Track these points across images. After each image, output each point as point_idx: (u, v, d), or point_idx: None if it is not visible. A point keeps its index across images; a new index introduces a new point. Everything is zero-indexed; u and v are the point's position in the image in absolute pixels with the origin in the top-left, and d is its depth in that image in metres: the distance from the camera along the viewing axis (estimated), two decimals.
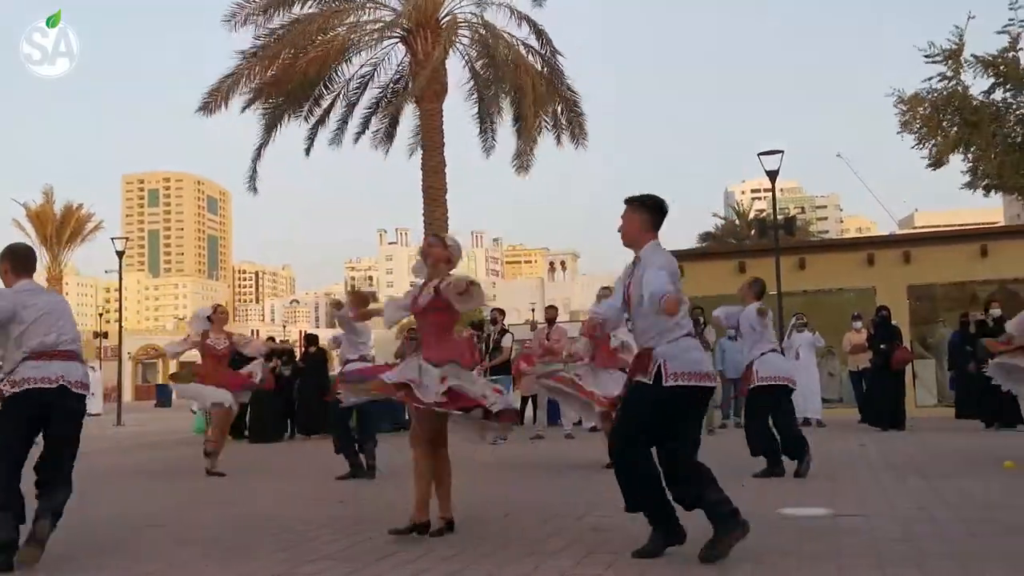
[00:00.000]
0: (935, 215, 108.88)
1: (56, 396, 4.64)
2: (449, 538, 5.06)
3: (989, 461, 8.30)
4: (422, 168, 16.76)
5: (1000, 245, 16.98)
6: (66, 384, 4.67)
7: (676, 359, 4.43)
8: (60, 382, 4.65)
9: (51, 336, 4.72)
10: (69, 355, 4.77)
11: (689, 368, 4.42)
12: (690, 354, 4.47)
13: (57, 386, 4.64)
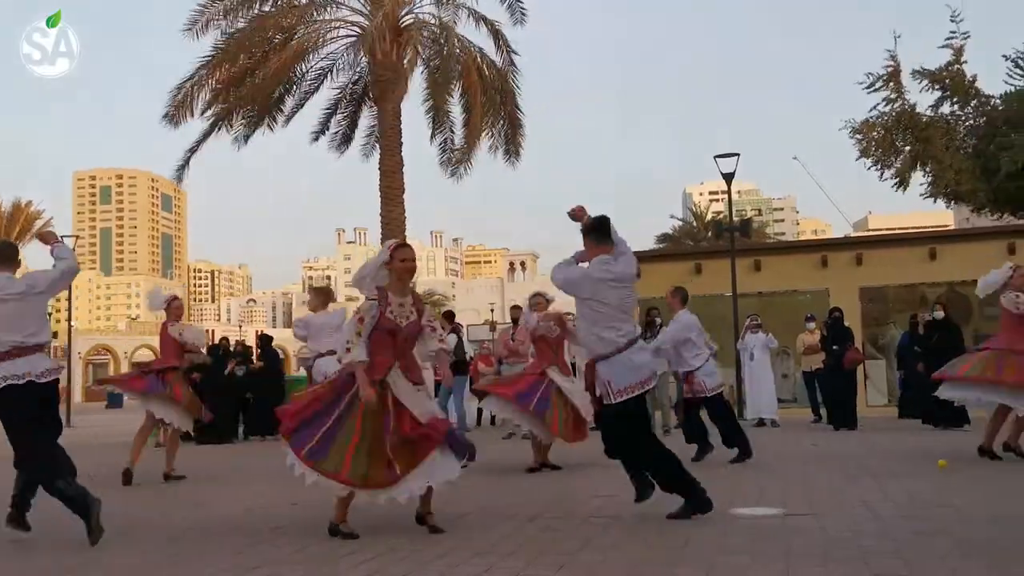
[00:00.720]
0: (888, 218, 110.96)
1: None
2: (403, 539, 5.03)
3: (935, 460, 8.45)
4: (380, 168, 16.67)
5: (949, 248, 17.33)
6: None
7: (618, 376, 5.16)
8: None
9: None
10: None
11: (630, 381, 5.18)
12: (628, 368, 5.19)
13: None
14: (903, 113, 22.68)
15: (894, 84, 22.60)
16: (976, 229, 21.99)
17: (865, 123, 22.82)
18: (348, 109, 18.83)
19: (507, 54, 17.34)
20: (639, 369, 5.25)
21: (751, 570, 4.11)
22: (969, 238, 18.35)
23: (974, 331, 17.07)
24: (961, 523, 5.08)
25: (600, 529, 5.22)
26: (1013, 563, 4.06)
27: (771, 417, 14.16)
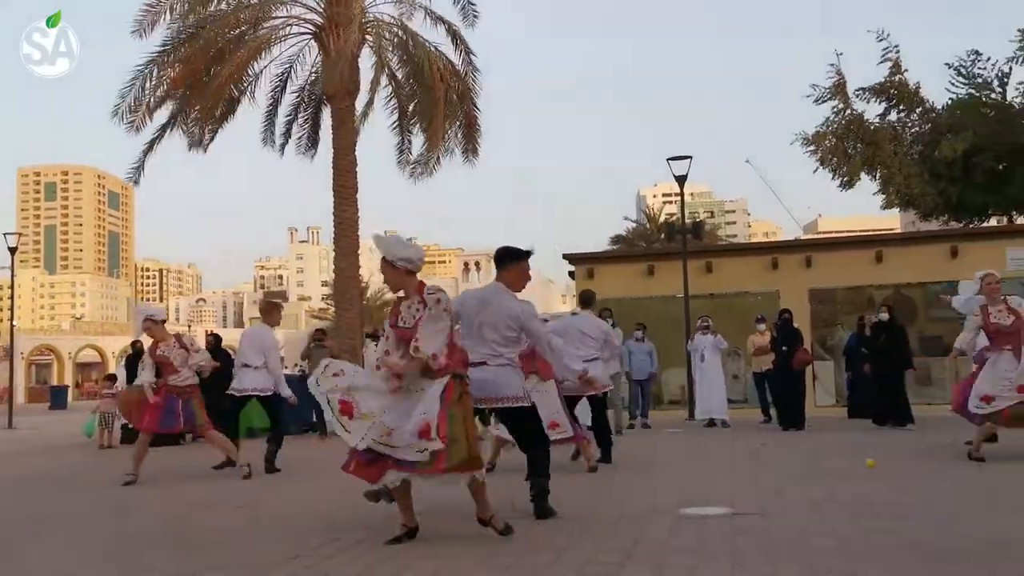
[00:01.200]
0: (837, 221, 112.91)
1: None
2: (349, 542, 4.98)
3: (881, 459, 8.59)
4: (333, 166, 16.50)
5: (895, 251, 17.64)
6: None
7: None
8: None
9: None
10: None
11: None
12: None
13: None
14: (852, 120, 23.17)
15: (840, 96, 23.08)
16: (921, 233, 22.46)
17: (816, 135, 23.26)
18: (309, 111, 18.64)
19: (465, 53, 17.28)
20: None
21: (699, 569, 4.13)
22: (914, 241, 18.71)
23: (919, 332, 17.44)
24: (906, 522, 5.16)
25: (550, 529, 5.21)
26: (955, 562, 4.12)
27: (721, 417, 14.29)
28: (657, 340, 15.43)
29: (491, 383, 5.50)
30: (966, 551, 4.32)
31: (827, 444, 10.57)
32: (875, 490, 6.54)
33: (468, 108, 17.58)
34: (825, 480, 7.17)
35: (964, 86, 23.29)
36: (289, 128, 18.60)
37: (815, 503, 5.95)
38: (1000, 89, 23.30)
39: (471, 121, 17.71)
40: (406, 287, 4.97)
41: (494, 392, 5.53)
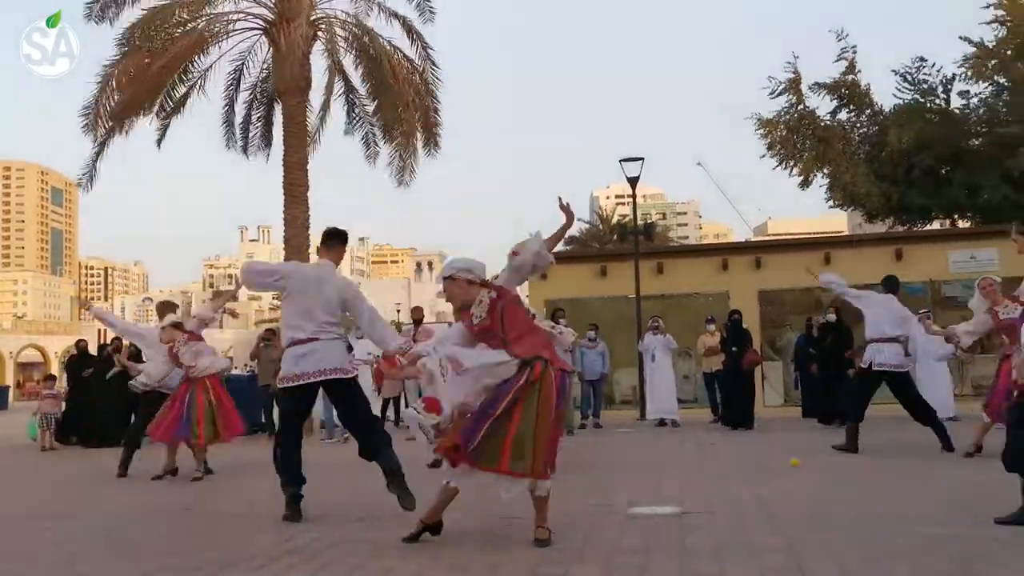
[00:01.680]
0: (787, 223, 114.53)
1: None
2: (297, 544, 4.92)
3: (828, 458, 8.74)
4: (283, 164, 16.26)
5: (842, 253, 17.93)
6: None
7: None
8: None
9: None
10: None
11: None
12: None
13: None
14: (804, 115, 23.55)
15: (795, 91, 23.44)
16: (868, 235, 22.86)
17: (770, 120, 23.58)
18: (262, 110, 18.38)
19: (422, 48, 17.09)
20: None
21: (647, 568, 4.16)
22: (861, 244, 19.03)
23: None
24: (850, 519, 5.25)
25: (502, 529, 5.21)
26: (897, 559, 4.20)
27: (672, 417, 14.40)
28: (609, 340, 15.50)
29: (320, 356, 5.74)
30: (909, 549, 4.40)
31: (775, 443, 10.71)
32: (821, 489, 6.64)
33: (427, 103, 17.40)
34: (773, 479, 7.26)
35: (910, 92, 23.81)
36: (245, 126, 18.30)
37: (763, 502, 6.02)
38: (944, 95, 23.86)
39: (430, 116, 17.55)
40: (472, 295, 4.94)
41: (323, 365, 5.75)
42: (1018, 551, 4.33)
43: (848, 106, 23.88)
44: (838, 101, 23.79)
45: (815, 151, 23.40)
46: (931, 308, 15.59)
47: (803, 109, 23.59)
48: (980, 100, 24.21)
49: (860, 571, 3.96)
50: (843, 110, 23.98)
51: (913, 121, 22.33)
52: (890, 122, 23.03)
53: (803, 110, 23.59)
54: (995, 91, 23.83)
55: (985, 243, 17.26)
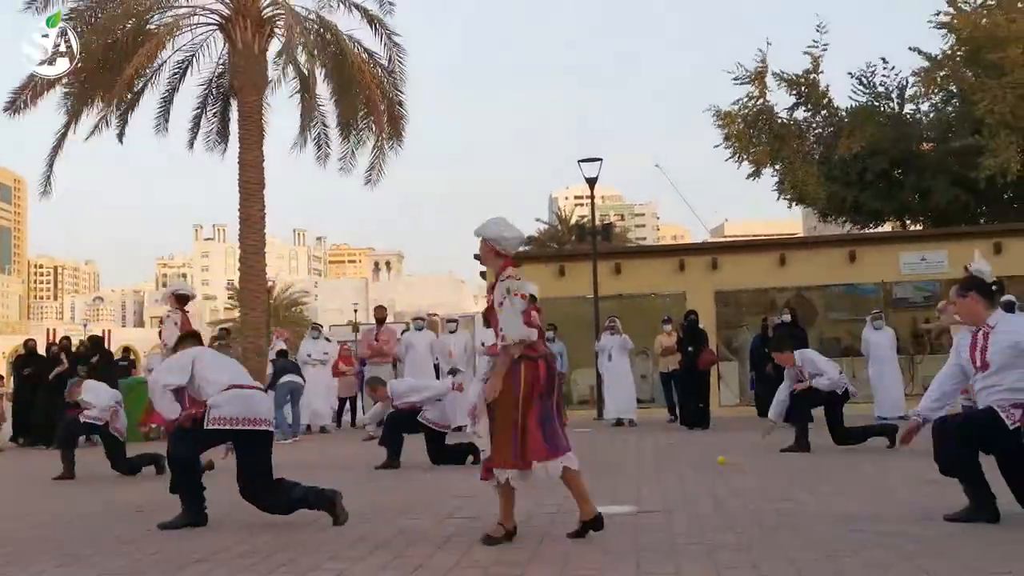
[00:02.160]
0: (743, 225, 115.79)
1: None
2: (250, 547, 4.85)
3: (781, 456, 8.83)
4: (239, 162, 16.08)
5: (797, 255, 18.18)
6: None
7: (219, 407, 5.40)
8: None
9: None
10: None
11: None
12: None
13: None
14: (762, 111, 23.80)
15: (759, 82, 23.65)
16: (822, 237, 23.21)
17: (728, 113, 23.80)
18: (217, 105, 18.13)
19: (387, 38, 16.85)
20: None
21: (603, 568, 4.15)
22: (815, 245, 19.30)
23: (819, 334, 17.99)
24: (804, 518, 5.30)
25: (458, 530, 5.18)
26: (850, 555, 4.24)
27: (629, 417, 14.45)
28: (567, 340, 15.53)
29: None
30: (862, 546, 4.45)
31: (731, 442, 10.79)
32: (775, 487, 6.70)
33: (392, 95, 17.21)
34: (728, 477, 7.31)
35: (864, 95, 24.19)
36: (197, 122, 18.05)
37: (718, 500, 6.06)
38: (897, 100, 24.29)
39: (395, 110, 17.36)
40: (495, 266, 4.83)
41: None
42: (967, 546, 4.40)
43: (806, 105, 24.19)
44: (797, 98, 24.08)
45: (769, 147, 23.67)
46: (882, 309, 15.86)
47: (763, 103, 23.83)
48: (931, 106, 24.70)
49: (814, 568, 3.99)
50: (800, 108, 24.28)
51: (865, 126, 22.69)
52: (844, 124, 23.38)
53: (762, 104, 23.83)
54: (945, 98, 24.32)
55: (935, 245, 17.61)
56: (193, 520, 5.51)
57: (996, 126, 20.87)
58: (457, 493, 6.69)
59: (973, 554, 4.24)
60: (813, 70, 23.77)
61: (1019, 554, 4.23)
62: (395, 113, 17.53)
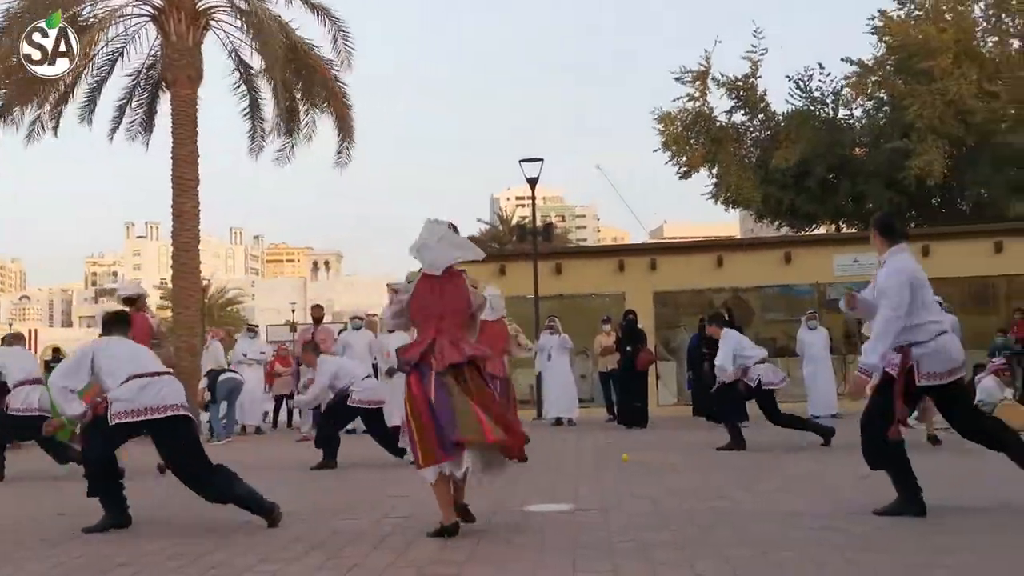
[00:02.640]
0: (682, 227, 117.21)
1: None
2: (179, 545, 4.72)
3: (717, 455, 8.92)
4: (172, 157, 15.71)
5: (734, 256, 18.42)
6: None
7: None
8: None
9: None
10: None
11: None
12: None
13: None
14: (701, 113, 24.13)
15: (701, 83, 23.96)
16: (758, 239, 23.59)
17: (667, 115, 24.09)
18: (145, 96, 17.67)
19: (335, 29, 16.53)
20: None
21: (540, 565, 4.13)
22: (752, 247, 19.60)
23: (756, 334, 18.26)
24: (739, 515, 5.35)
25: (394, 529, 5.11)
26: (784, 551, 4.28)
27: (568, 416, 14.48)
28: None
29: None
30: (796, 542, 4.50)
31: (668, 441, 10.90)
32: (711, 486, 6.75)
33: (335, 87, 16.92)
34: (664, 476, 7.36)
35: (801, 99, 24.66)
36: (121, 112, 17.55)
37: (654, 499, 6.08)
38: (832, 105, 24.82)
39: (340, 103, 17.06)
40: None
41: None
42: (899, 540, 4.47)
43: (743, 108, 24.58)
44: (735, 101, 24.46)
45: (706, 150, 24.01)
46: (817, 309, 16.16)
47: (702, 105, 24.16)
48: (864, 112, 25.31)
49: (749, 565, 4.02)
50: (738, 112, 24.67)
51: (801, 131, 23.14)
52: (781, 128, 23.81)
53: (702, 106, 24.16)
54: (877, 104, 24.94)
55: (868, 248, 17.92)
56: (115, 521, 5.33)
57: (924, 131, 21.48)
58: (394, 492, 6.61)
59: (905, 548, 4.31)
60: (752, 74, 24.17)
61: (949, 547, 4.31)
62: (342, 106, 17.28)
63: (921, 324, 5.09)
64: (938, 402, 5.44)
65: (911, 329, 5.08)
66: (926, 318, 5.12)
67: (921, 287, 5.15)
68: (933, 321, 5.15)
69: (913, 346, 5.07)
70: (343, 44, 16.64)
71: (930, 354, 5.07)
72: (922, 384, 5.09)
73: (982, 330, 15.66)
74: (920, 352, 5.07)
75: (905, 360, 5.04)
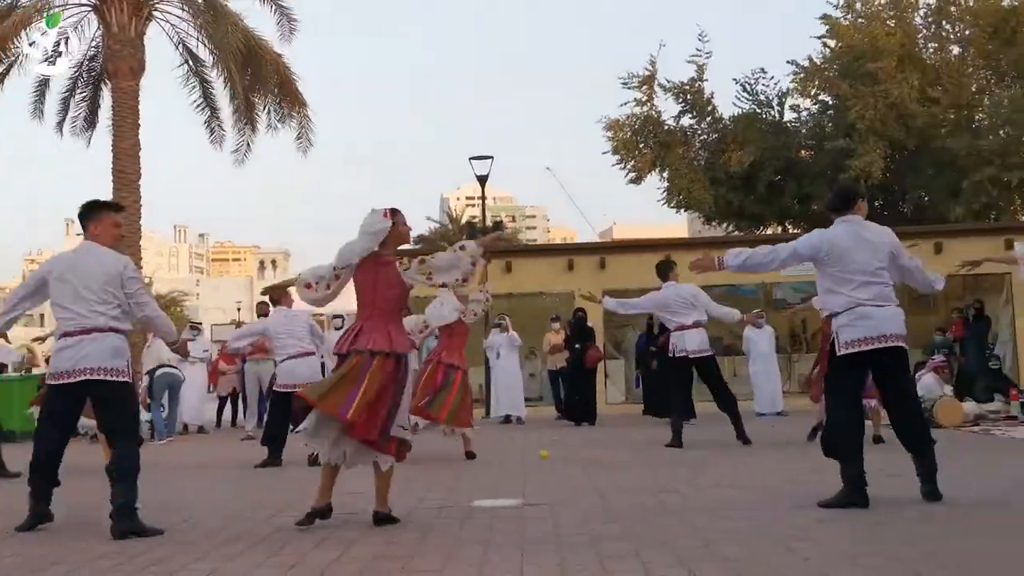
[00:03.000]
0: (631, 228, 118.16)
1: None
2: (115, 544, 4.59)
3: (663, 451, 8.97)
4: (113, 150, 15.35)
5: (682, 255, 18.45)
6: None
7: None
8: None
9: None
10: None
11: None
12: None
13: None
14: (649, 118, 24.33)
15: (647, 88, 24.16)
16: (706, 239, 23.83)
17: (616, 121, 24.24)
18: (88, 89, 17.25)
19: (285, 19, 16.26)
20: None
21: (487, 559, 4.09)
22: (699, 246, 19.73)
23: None
24: (686, 509, 5.37)
25: (338, 526, 5.03)
26: (729, 543, 4.30)
27: (517, 414, 14.47)
28: None
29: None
30: (740, 533, 4.53)
31: (616, 438, 10.94)
32: (657, 480, 6.78)
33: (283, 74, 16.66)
34: (612, 471, 7.38)
35: (748, 102, 24.98)
36: (66, 106, 17.15)
37: (602, 493, 6.09)
38: (779, 108, 25.20)
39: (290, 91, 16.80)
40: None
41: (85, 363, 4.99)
42: (839, 532, 4.53)
43: (691, 112, 24.83)
44: (683, 106, 24.70)
45: (654, 154, 24.22)
46: (763, 309, 16.34)
47: (650, 110, 24.37)
48: (809, 115, 25.73)
49: (694, 555, 4.03)
50: (686, 116, 24.92)
51: (749, 135, 23.45)
52: (729, 131, 24.09)
53: (649, 111, 24.37)
54: (821, 108, 25.38)
55: None
56: (36, 517, 5.09)
57: (866, 132, 21.90)
58: (337, 490, 6.51)
59: (846, 540, 4.36)
60: (698, 77, 24.44)
61: (886, 537, 4.37)
62: (295, 98, 17.03)
63: (838, 293, 5.28)
64: (875, 375, 5.46)
65: (829, 295, 5.36)
66: (841, 289, 5.28)
67: (839, 258, 5.33)
68: (848, 294, 5.25)
69: (833, 317, 5.31)
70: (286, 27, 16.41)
71: (846, 325, 5.22)
72: (842, 353, 5.22)
73: (921, 330, 15.99)
74: (838, 323, 5.27)
75: (827, 330, 5.42)
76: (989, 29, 22.50)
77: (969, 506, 5.19)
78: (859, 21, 23.95)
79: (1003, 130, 22.50)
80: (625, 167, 24.63)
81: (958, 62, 23.41)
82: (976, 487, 5.87)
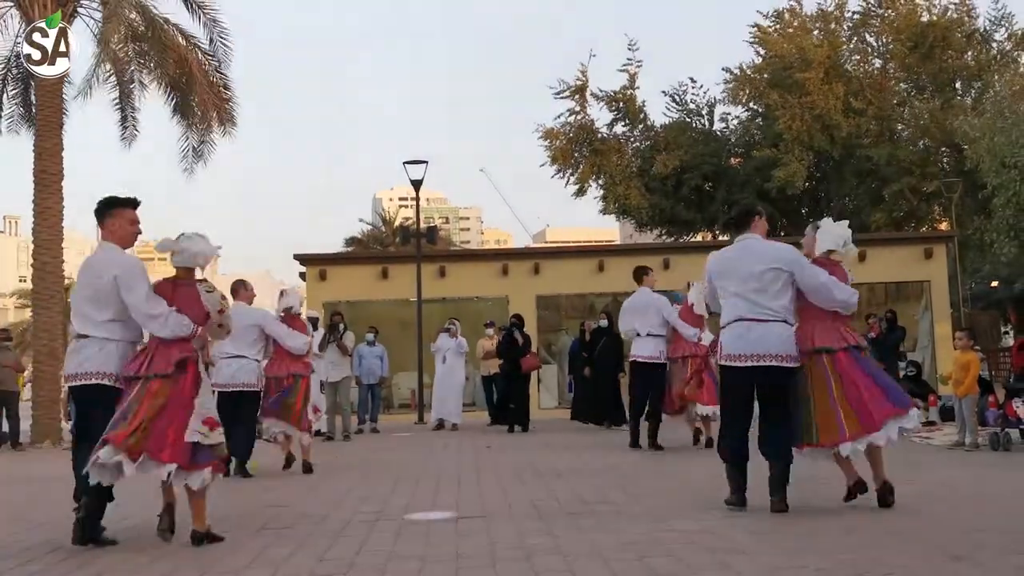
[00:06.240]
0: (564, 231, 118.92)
1: None
2: (56, 553, 4.46)
3: (598, 458, 9.06)
4: (35, 149, 14.86)
5: (614, 261, 18.75)
6: None
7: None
8: None
9: None
10: None
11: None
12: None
13: None
14: (583, 127, 24.59)
15: (580, 97, 24.41)
16: (639, 244, 24.13)
17: (551, 131, 24.44)
18: (19, 86, 16.68)
19: (208, 20, 15.94)
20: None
21: (422, 574, 4.08)
22: (632, 252, 19.98)
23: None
24: (618, 519, 5.43)
25: (272, 540, 4.97)
26: (661, 555, 4.37)
27: (453, 421, 14.43)
28: (389, 344, 15.35)
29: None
30: (671, 544, 4.60)
31: (549, 445, 10.99)
32: (591, 489, 6.83)
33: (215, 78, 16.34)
34: (546, 480, 7.41)
35: (677, 112, 25.41)
36: None
37: (536, 504, 6.11)
38: (708, 117, 25.68)
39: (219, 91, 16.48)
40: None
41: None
42: (768, 543, 4.63)
43: (624, 120, 25.15)
44: (615, 114, 25.02)
45: (591, 162, 24.48)
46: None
47: (583, 118, 24.63)
48: (738, 123, 26.28)
49: (628, 568, 4.08)
50: (619, 123, 25.23)
51: (680, 142, 23.84)
52: (660, 139, 24.48)
53: (583, 119, 24.63)
54: (750, 116, 25.93)
55: None
56: None
57: (791, 142, 22.45)
58: (272, 502, 6.44)
59: (773, 550, 4.46)
60: (630, 85, 24.77)
61: (813, 548, 4.49)
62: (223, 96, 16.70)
63: (725, 307, 5.69)
64: (756, 389, 5.61)
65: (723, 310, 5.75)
66: (726, 303, 5.68)
67: (724, 274, 5.71)
68: (731, 308, 5.62)
69: (721, 329, 5.72)
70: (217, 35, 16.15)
71: (726, 340, 5.60)
72: (722, 364, 5.62)
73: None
74: (722, 336, 5.67)
75: (715, 341, 5.83)
76: (909, 43, 23.26)
77: (890, 514, 5.36)
78: (788, 31, 24.54)
79: (922, 141, 23.28)
80: (565, 177, 24.86)
81: (880, 75, 24.16)
82: (898, 493, 6.05)
